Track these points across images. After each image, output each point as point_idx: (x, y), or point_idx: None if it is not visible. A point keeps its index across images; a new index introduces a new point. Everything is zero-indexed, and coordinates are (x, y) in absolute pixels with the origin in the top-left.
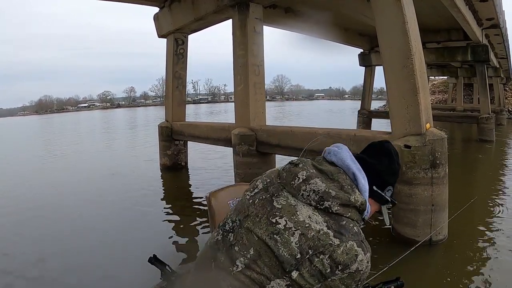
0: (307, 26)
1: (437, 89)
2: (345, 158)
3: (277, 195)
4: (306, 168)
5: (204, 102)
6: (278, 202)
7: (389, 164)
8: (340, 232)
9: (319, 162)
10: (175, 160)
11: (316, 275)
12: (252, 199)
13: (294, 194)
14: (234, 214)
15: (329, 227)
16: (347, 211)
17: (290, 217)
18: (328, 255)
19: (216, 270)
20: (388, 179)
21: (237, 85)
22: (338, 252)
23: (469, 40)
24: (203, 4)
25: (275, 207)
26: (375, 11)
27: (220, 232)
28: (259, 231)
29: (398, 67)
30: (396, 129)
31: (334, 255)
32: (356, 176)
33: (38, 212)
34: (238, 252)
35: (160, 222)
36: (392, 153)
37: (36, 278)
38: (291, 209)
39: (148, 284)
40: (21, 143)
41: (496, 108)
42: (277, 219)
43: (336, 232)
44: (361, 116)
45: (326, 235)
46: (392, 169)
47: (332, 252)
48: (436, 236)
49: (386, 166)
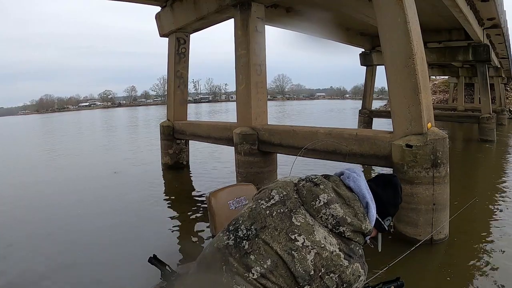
0: (308, 26)
1: (438, 88)
2: (362, 187)
3: (295, 212)
4: (327, 192)
5: (205, 101)
6: (297, 219)
7: (394, 196)
8: (349, 255)
9: (337, 185)
10: (177, 159)
11: None
12: (269, 210)
13: (313, 214)
14: (249, 222)
15: (340, 249)
16: (356, 236)
17: (308, 236)
18: (338, 275)
19: (229, 274)
20: (390, 210)
21: (239, 85)
22: (347, 273)
23: (470, 40)
24: (205, 3)
25: (294, 224)
26: (377, 11)
27: (231, 236)
28: (278, 245)
29: (400, 66)
30: (398, 129)
31: (343, 276)
32: (368, 206)
33: (38, 210)
34: (254, 261)
35: (161, 221)
36: (398, 187)
37: (35, 277)
38: (309, 228)
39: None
40: (22, 141)
41: (497, 108)
42: (295, 236)
43: (346, 255)
44: (362, 115)
45: (338, 256)
46: (396, 201)
47: (342, 273)
48: (437, 235)
49: (391, 198)
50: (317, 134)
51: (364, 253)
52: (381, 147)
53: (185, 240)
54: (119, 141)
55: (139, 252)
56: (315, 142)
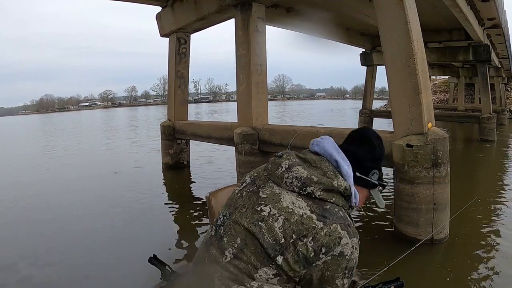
0: (308, 26)
1: (438, 88)
2: (327, 147)
3: (263, 186)
4: (289, 158)
5: (205, 101)
6: (264, 192)
7: (370, 150)
8: (324, 216)
9: (303, 153)
10: (177, 159)
11: (301, 261)
12: (240, 192)
13: (278, 183)
14: (225, 209)
15: (312, 211)
16: (331, 197)
17: (274, 204)
18: (311, 238)
19: (209, 264)
20: (369, 164)
21: (240, 85)
22: (321, 234)
23: (470, 40)
24: (206, 3)
25: (260, 197)
26: (377, 11)
27: (213, 227)
28: (245, 220)
29: (400, 66)
30: (398, 129)
31: (317, 237)
32: (339, 163)
33: (38, 210)
34: (227, 243)
35: (161, 221)
36: (371, 139)
37: (35, 276)
38: (275, 197)
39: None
40: (23, 140)
41: (497, 108)
42: (261, 207)
43: (320, 216)
44: (362, 115)
45: (309, 218)
46: (373, 155)
47: (315, 234)
48: (438, 235)
49: (366, 152)
50: (318, 134)
51: (350, 217)
52: None
53: (185, 240)
54: (119, 141)
55: (139, 252)
56: None
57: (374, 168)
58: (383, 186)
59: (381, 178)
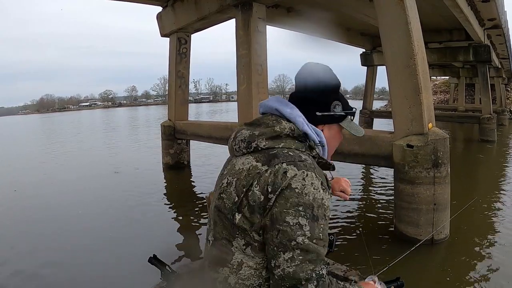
0: (308, 26)
1: (438, 89)
2: (268, 103)
3: (225, 166)
4: (237, 129)
5: (205, 101)
6: (225, 169)
7: (314, 84)
8: (269, 160)
9: None
10: (178, 159)
11: (256, 210)
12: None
13: (233, 155)
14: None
15: (258, 160)
16: (278, 143)
17: (230, 172)
18: (256, 182)
19: (204, 255)
20: (324, 99)
21: (240, 85)
22: (265, 175)
23: (471, 40)
24: (206, 3)
25: (223, 174)
26: (378, 11)
27: None
28: (214, 200)
29: (401, 67)
30: (399, 129)
31: (262, 179)
32: (279, 109)
33: (38, 210)
34: (208, 229)
35: (161, 221)
36: (313, 72)
37: (35, 276)
38: (231, 167)
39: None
40: (23, 140)
41: (497, 109)
42: (222, 181)
43: (265, 161)
44: (363, 115)
45: (255, 167)
46: (321, 87)
47: (259, 177)
48: (438, 235)
49: (313, 87)
50: None
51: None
52: (382, 147)
53: (185, 240)
54: (120, 141)
55: (139, 252)
56: None
57: (333, 101)
58: (351, 113)
59: (346, 107)
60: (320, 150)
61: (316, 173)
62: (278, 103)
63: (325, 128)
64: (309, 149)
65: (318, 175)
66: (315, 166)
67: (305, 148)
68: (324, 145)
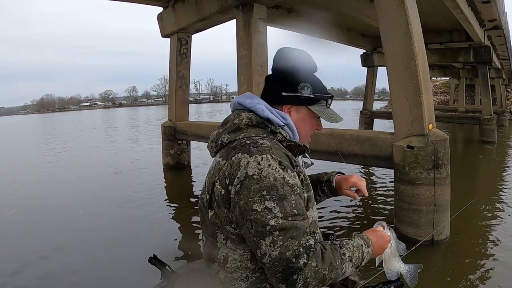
0: (309, 26)
1: (439, 90)
2: (235, 100)
3: None
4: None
5: (205, 102)
6: None
7: (283, 66)
8: (228, 153)
9: None
10: (178, 160)
11: (221, 204)
12: None
13: (212, 156)
14: None
15: (221, 156)
16: (238, 134)
17: (207, 174)
18: (217, 177)
19: None
20: (290, 79)
21: (241, 85)
22: (223, 169)
23: (471, 41)
24: (207, 4)
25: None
26: (378, 12)
27: None
28: None
29: (402, 68)
30: (399, 130)
31: (220, 173)
32: (240, 102)
33: (39, 210)
34: (202, 232)
35: (161, 221)
36: (286, 54)
37: (36, 276)
38: (210, 170)
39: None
40: (23, 141)
41: (497, 109)
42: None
43: (225, 155)
44: (363, 116)
45: (218, 163)
46: (288, 69)
47: (219, 172)
48: (438, 236)
49: (282, 69)
50: (318, 134)
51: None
52: (382, 148)
53: (185, 240)
54: (120, 141)
55: (139, 252)
56: None
57: (301, 82)
58: (323, 98)
59: (318, 91)
60: (289, 133)
61: (271, 154)
62: (241, 97)
63: (292, 109)
64: (272, 133)
65: (275, 155)
66: (272, 148)
67: (266, 134)
68: (291, 127)
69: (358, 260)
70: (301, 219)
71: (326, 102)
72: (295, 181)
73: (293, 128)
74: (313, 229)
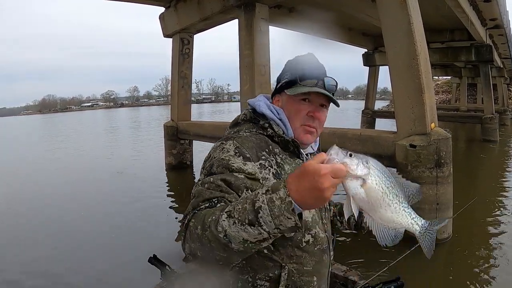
0: (310, 26)
1: (440, 89)
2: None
3: None
4: None
5: (207, 101)
6: None
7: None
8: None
9: None
10: (180, 159)
11: None
12: None
13: None
14: None
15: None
16: (234, 128)
17: None
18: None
19: None
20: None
21: (243, 85)
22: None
23: (473, 40)
24: (209, 4)
25: None
26: (380, 11)
27: None
28: None
29: (404, 67)
30: (401, 129)
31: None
32: (248, 102)
33: (41, 210)
34: None
35: (162, 221)
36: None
37: (37, 276)
38: None
39: (148, 284)
40: (24, 141)
41: (499, 108)
42: None
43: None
44: (365, 115)
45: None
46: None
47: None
48: (441, 234)
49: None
50: (321, 134)
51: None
52: (384, 147)
53: None
54: (122, 141)
55: (139, 252)
56: None
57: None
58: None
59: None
60: (282, 128)
61: (236, 141)
62: (252, 99)
63: (278, 100)
64: (261, 128)
65: (237, 142)
66: (241, 137)
67: (256, 128)
68: (283, 121)
69: (243, 213)
70: (211, 188)
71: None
72: (243, 167)
73: (285, 122)
74: (217, 199)
